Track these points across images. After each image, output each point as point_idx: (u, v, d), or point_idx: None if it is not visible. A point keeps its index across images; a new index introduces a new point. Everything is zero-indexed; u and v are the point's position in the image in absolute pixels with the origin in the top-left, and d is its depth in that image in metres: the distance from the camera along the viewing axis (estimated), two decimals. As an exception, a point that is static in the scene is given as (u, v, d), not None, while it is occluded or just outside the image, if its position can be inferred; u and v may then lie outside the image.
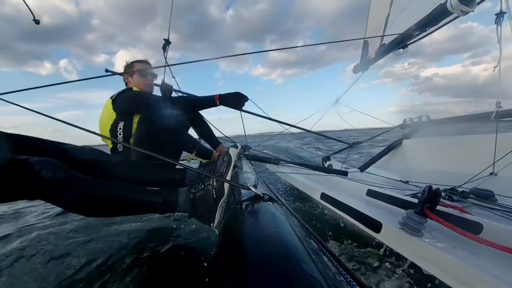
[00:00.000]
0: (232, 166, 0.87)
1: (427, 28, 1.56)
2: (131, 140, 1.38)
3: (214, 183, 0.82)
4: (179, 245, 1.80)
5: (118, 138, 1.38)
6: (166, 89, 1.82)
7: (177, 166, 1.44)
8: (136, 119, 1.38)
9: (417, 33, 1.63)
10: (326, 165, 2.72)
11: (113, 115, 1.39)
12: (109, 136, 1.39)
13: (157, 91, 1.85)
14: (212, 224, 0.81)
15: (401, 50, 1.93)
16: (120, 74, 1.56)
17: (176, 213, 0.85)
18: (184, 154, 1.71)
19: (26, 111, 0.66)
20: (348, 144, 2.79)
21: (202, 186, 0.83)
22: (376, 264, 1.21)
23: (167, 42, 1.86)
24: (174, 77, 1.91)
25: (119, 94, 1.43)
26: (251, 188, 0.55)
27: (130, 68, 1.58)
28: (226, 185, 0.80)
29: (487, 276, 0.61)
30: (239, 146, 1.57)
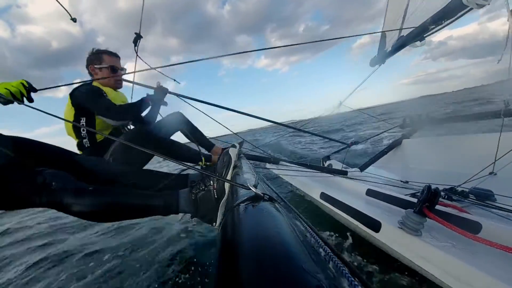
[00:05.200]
0: (232, 166, 0.88)
1: (443, 22, 1.51)
2: (97, 137, 1.35)
3: (215, 184, 0.83)
4: (180, 245, 1.80)
5: (82, 134, 1.32)
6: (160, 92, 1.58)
7: (175, 167, 1.44)
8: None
9: (433, 26, 1.58)
10: (326, 164, 2.72)
11: (71, 110, 1.30)
12: (72, 131, 1.35)
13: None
14: (214, 223, 0.84)
15: (418, 42, 1.85)
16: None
17: (179, 213, 0.87)
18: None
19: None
20: (346, 144, 2.79)
21: (203, 187, 0.85)
22: (376, 263, 1.22)
23: (138, 36, 1.68)
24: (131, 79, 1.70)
25: (77, 88, 1.34)
26: (251, 188, 0.55)
27: (98, 59, 1.41)
28: (226, 185, 0.81)
29: (486, 275, 0.61)
30: (238, 146, 1.57)
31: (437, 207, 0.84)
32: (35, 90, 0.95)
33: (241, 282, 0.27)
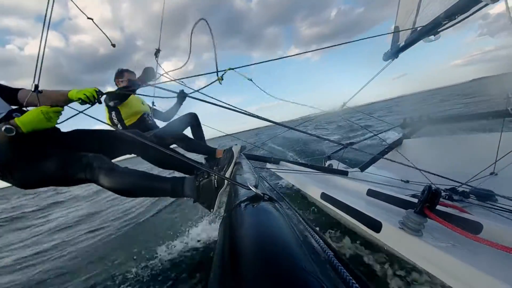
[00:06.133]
0: (234, 162, 0.98)
1: (456, 17, 1.49)
2: (126, 123, 1.89)
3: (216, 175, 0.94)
4: (180, 245, 1.81)
5: (115, 122, 1.88)
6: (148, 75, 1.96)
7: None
8: (121, 109, 1.87)
9: (446, 21, 1.54)
10: (326, 164, 2.72)
11: (106, 109, 1.90)
12: (109, 122, 1.92)
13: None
14: (212, 209, 0.97)
15: (432, 37, 1.82)
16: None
17: (184, 197, 1.02)
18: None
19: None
20: (342, 145, 2.78)
21: (206, 176, 0.97)
22: (376, 264, 1.21)
23: (157, 51, 2.01)
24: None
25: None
26: (251, 188, 0.55)
27: (121, 76, 2.00)
28: (227, 176, 0.92)
29: (486, 275, 0.61)
30: (239, 146, 1.59)
31: (438, 207, 0.84)
32: (102, 94, 1.22)
33: (241, 281, 0.27)
